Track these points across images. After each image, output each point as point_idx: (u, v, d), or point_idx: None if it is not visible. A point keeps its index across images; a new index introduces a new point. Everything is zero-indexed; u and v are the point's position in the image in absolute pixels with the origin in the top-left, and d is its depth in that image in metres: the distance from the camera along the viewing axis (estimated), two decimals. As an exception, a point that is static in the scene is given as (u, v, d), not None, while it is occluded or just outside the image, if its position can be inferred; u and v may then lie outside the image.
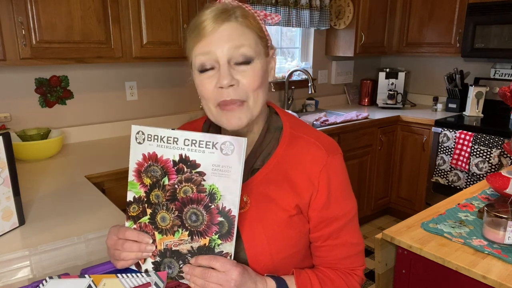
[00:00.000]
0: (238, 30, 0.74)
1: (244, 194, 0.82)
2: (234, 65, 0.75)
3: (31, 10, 1.67)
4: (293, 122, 0.87)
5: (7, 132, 1.10)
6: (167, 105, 2.54)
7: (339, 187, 0.82)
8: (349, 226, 0.83)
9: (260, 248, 0.78)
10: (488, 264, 1.06)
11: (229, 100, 0.75)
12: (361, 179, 3.06)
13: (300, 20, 2.95)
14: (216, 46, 0.73)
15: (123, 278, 0.77)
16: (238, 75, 0.75)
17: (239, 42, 0.74)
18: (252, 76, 0.76)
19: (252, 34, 0.76)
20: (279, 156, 0.82)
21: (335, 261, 0.84)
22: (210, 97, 0.77)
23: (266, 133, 0.84)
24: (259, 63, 0.77)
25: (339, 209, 0.82)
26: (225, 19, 0.73)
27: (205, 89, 0.77)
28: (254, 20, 0.78)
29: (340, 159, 0.83)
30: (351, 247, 0.84)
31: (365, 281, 2.48)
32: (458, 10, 2.99)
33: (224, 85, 0.73)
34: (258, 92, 0.78)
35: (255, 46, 0.76)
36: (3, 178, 1.11)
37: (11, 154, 1.12)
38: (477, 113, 3.06)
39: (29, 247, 1.05)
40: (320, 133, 0.87)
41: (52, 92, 2.10)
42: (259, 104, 0.79)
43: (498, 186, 1.37)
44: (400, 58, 3.76)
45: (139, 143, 0.77)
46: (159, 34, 2.06)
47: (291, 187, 0.80)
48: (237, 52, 0.74)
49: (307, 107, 3.28)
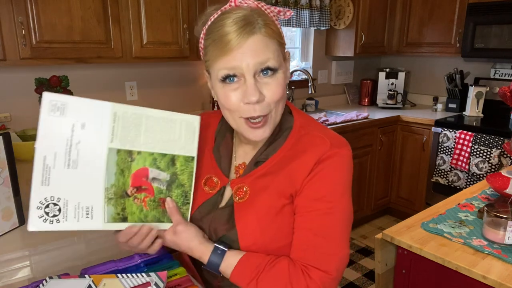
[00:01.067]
0: (262, 43, 0.73)
1: (245, 185, 0.83)
2: (258, 78, 0.74)
3: (31, 10, 1.67)
4: (304, 122, 0.86)
5: (7, 132, 1.10)
6: (167, 105, 2.54)
7: (333, 180, 0.78)
8: (333, 220, 0.77)
9: (254, 237, 0.79)
10: (488, 264, 1.06)
11: (256, 116, 0.76)
12: (361, 179, 3.06)
13: (300, 20, 2.95)
14: (241, 61, 0.72)
15: (123, 278, 0.77)
16: (263, 88, 0.75)
17: (265, 56, 0.73)
18: (276, 88, 0.75)
19: (274, 44, 0.75)
20: (284, 151, 0.83)
21: (302, 249, 0.77)
22: (235, 110, 0.77)
23: (278, 132, 0.85)
24: (281, 73, 0.77)
25: (327, 190, 0.77)
26: (250, 31, 0.71)
27: (230, 102, 0.76)
28: (274, 25, 0.76)
29: (343, 153, 0.80)
30: (325, 241, 0.76)
31: (365, 281, 2.49)
32: (458, 10, 2.99)
33: (252, 101, 0.73)
34: (280, 102, 0.78)
35: (278, 56, 0.75)
36: (3, 178, 1.11)
37: (11, 154, 1.12)
38: (477, 113, 3.06)
39: (29, 247, 1.05)
40: (331, 131, 0.85)
41: (52, 92, 2.09)
42: (280, 113, 0.80)
43: (498, 186, 1.37)
44: (400, 58, 3.76)
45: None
46: (159, 34, 2.06)
47: (288, 176, 0.80)
48: (263, 66, 0.73)
49: (307, 107, 3.28)
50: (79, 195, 0.73)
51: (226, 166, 0.88)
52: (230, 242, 0.81)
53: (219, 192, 0.86)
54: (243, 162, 0.88)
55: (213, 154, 0.90)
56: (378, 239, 1.25)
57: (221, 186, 0.86)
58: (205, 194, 0.87)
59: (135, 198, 0.77)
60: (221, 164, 0.88)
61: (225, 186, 0.86)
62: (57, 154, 0.71)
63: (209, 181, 0.87)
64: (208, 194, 0.86)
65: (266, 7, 0.78)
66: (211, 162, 0.89)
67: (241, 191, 0.83)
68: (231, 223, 0.81)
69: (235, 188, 0.84)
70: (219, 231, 0.82)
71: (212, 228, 0.84)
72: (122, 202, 0.76)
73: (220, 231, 0.82)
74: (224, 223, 0.82)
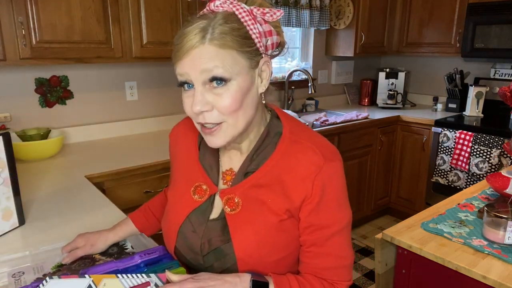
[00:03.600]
0: (211, 53, 0.71)
1: (236, 196, 0.81)
2: (209, 88, 0.73)
3: (31, 10, 1.67)
4: (293, 127, 0.84)
5: (7, 132, 1.10)
6: (167, 105, 2.54)
7: (333, 195, 0.79)
8: (337, 237, 0.81)
9: (250, 250, 0.78)
10: (488, 264, 1.06)
11: (203, 123, 0.76)
12: (361, 179, 3.06)
13: (300, 20, 2.95)
14: (189, 69, 0.72)
15: (123, 278, 0.77)
16: (214, 98, 0.73)
17: (210, 65, 0.71)
18: (228, 99, 0.73)
19: (228, 54, 0.72)
20: (274, 161, 0.81)
21: (317, 270, 0.81)
22: (191, 115, 0.78)
23: (265, 137, 0.83)
24: (235, 84, 0.73)
25: (329, 217, 0.79)
26: (199, 41, 0.71)
27: (185, 108, 0.77)
28: (237, 33, 0.72)
29: (337, 166, 0.80)
30: (336, 259, 0.81)
31: (365, 281, 2.49)
32: (458, 10, 2.99)
33: (196, 111, 0.73)
34: (238, 114, 0.75)
35: (232, 65, 0.72)
36: (3, 178, 1.11)
37: (11, 154, 1.12)
38: (477, 113, 3.06)
39: (29, 247, 1.05)
40: (321, 138, 0.84)
41: (52, 92, 2.10)
42: (242, 123, 0.77)
43: (498, 186, 1.37)
44: (400, 58, 3.76)
45: None
46: (159, 34, 2.06)
47: (284, 191, 0.79)
48: (209, 76, 0.72)
49: (307, 107, 3.28)
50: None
51: (215, 173, 0.87)
52: (225, 254, 0.80)
53: (209, 200, 0.85)
54: (230, 168, 0.87)
55: (200, 163, 0.88)
56: (378, 239, 1.25)
57: (210, 194, 0.85)
58: (194, 202, 0.85)
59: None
60: (209, 171, 0.87)
61: (215, 194, 0.85)
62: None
63: (198, 189, 0.86)
64: (197, 202, 0.85)
65: (244, 11, 0.74)
66: (198, 170, 0.88)
67: (232, 202, 0.82)
68: (226, 236, 0.80)
69: (225, 199, 0.82)
70: (213, 243, 0.81)
71: (205, 240, 0.82)
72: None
73: (215, 242, 0.81)
74: (218, 235, 0.81)
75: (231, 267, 0.80)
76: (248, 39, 0.74)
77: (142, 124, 2.45)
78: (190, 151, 0.91)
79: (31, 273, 0.90)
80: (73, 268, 0.92)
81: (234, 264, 0.79)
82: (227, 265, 0.80)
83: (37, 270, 0.92)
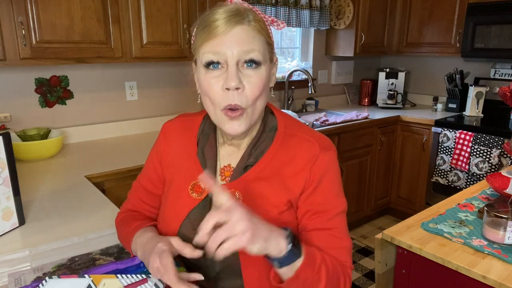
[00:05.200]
0: (249, 34, 0.75)
1: (236, 190, 0.82)
2: (241, 68, 0.75)
3: (31, 10, 1.67)
4: (287, 122, 0.88)
5: (7, 132, 1.10)
6: (167, 105, 2.54)
7: (329, 182, 0.82)
8: (335, 220, 0.81)
9: None
10: (488, 264, 1.06)
11: (234, 105, 0.76)
12: (361, 179, 3.06)
13: (300, 20, 2.95)
14: (226, 48, 0.73)
15: (122, 278, 0.77)
16: (244, 79, 0.75)
17: (250, 46, 0.74)
18: (256, 82, 0.76)
19: (262, 40, 0.77)
20: (272, 153, 0.83)
21: (324, 249, 0.80)
22: (216, 99, 0.77)
23: (262, 133, 0.86)
24: (264, 69, 0.77)
25: (326, 202, 0.81)
26: (238, 21, 0.74)
27: (211, 90, 0.77)
28: (264, 25, 0.78)
29: (332, 155, 0.83)
30: (336, 239, 0.81)
31: (365, 281, 2.49)
32: (458, 10, 2.99)
33: (232, 87, 0.74)
34: (258, 100, 0.78)
35: (263, 51, 0.77)
36: (3, 178, 1.11)
37: (11, 154, 1.12)
38: (477, 113, 3.06)
39: (29, 247, 1.05)
40: (313, 131, 0.88)
41: (52, 92, 2.10)
42: (257, 112, 0.80)
43: (498, 186, 1.37)
44: (400, 58, 3.76)
45: None
46: (159, 34, 2.06)
47: (283, 183, 0.81)
48: (247, 56, 0.74)
49: (307, 107, 3.28)
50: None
51: (212, 169, 0.87)
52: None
53: (208, 198, 0.85)
54: (228, 164, 0.87)
55: (197, 158, 0.88)
56: (378, 239, 1.25)
57: (208, 191, 0.85)
58: (193, 201, 0.85)
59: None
60: (207, 167, 0.87)
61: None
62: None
63: (196, 186, 0.86)
64: (196, 201, 0.85)
65: (259, 11, 0.80)
66: (195, 166, 0.87)
67: (233, 197, 0.82)
68: None
69: None
70: None
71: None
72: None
73: None
74: None
75: (233, 261, 0.80)
76: (270, 35, 0.80)
77: (142, 124, 2.45)
78: (186, 149, 0.91)
79: (31, 273, 0.90)
80: (73, 268, 0.92)
81: (236, 259, 0.79)
82: (228, 260, 0.79)
83: (37, 270, 0.92)
